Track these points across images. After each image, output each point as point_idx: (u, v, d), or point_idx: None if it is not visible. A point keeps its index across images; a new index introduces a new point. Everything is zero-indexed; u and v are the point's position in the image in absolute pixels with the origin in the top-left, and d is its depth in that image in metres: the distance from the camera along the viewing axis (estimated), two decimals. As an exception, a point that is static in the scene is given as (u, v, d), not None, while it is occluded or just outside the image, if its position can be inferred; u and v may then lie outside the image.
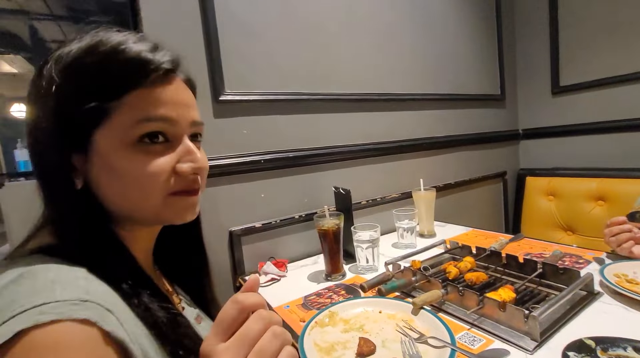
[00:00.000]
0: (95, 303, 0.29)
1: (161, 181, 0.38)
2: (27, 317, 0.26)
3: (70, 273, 0.31)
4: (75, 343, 0.26)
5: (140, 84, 0.37)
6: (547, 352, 0.54)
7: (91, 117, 0.36)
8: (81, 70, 0.36)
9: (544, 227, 1.63)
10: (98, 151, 0.37)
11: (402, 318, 0.66)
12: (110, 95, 0.36)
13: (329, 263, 0.93)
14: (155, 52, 0.39)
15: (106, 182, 0.38)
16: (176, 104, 0.40)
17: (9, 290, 0.28)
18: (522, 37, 1.81)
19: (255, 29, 1.03)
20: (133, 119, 0.37)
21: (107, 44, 0.37)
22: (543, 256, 0.90)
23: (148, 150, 0.38)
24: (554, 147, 1.74)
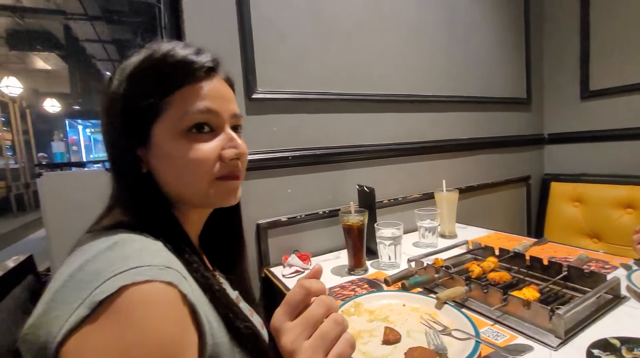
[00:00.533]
0: (175, 271, 0.35)
1: (208, 165, 0.44)
2: (126, 276, 0.31)
3: (152, 245, 0.37)
4: (163, 299, 0.32)
5: (187, 81, 0.43)
6: (572, 349, 0.55)
7: (149, 113, 0.43)
8: (140, 75, 0.43)
9: (568, 233, 1.60)
10: (156, 142, 0.43)
11: (425, 311, 0.68)
12: (163, 93, 0.42)
13: (352, 258, 0.96)
14: (198, 54, 0.45)
15: (163, 168, 0.44)
16: (218, 97, 0.45)
17: (105, 255, 0.34)
18: (551, 39, 1.78)
19: (287, 32, 1.07)
20: (182, 111, 0.43)
21: (160, 52, 0.44)
22: (568, 260, 0.90)
23: (196, 139, 0.43)
24: (581, 152, 1.71)
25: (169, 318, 0.32)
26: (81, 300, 0.30)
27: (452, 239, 1.20)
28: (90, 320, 0.29)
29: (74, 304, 0.30)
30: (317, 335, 0.33)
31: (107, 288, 0.30)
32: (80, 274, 0.32)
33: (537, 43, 1.78)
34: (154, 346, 0.30)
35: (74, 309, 0.30)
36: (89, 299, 0.30)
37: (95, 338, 0.29)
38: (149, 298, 0.31)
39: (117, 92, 0.43)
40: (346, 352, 0.34)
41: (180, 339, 0.33)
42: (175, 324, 0.32)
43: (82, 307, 0.30)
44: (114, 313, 0.30)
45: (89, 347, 0.29)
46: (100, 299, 0.30)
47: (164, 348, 0.31)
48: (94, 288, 0.30)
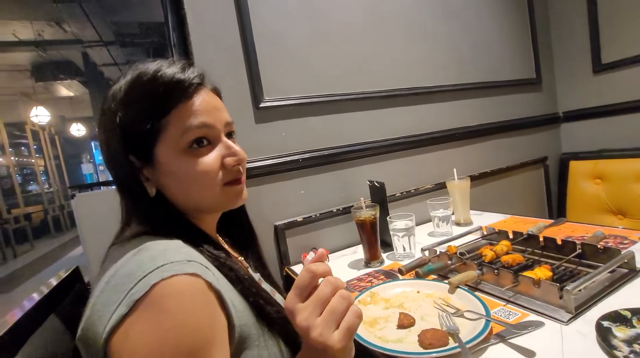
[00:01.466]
0: (196, 263, 0.39)
1: (214, 175, 0.48)
2: (155, 274, 0.36)
3: (173, 244, 0.42)
4: (190, 289, 0.37)
5: (179, 100, 0.46)
6: (582, 323, 0.56)
7: (149, 136, 0.45)
8: (133, 100, 0.46)
9: (591, 211, 1.56)
10: (160, 162, 0.46)
11: (439, 296, 0.71)
12: (158, 116, 0.45)
13: (367, 251, 0.99)
14: (184, 71, 0.47)
15: (173, 184, 0.48)
16: (210, 110, 0.48)
17: (134, 260, 0.39)
18: (557, 14, 1.73)
19: (287, 40, 1.12)
20: (180, 130, 0.45)
21: (147, 73, 0.46)
22: (584, 238, 0.89)
23: (197, 153, 0.47)
24: (599, 128, 1.66)
25: (197, 304, 0.37)
26: (120, 300, 0.35)
27: (468, 226, 1.21)
28: (129, 316, 0.34)
29: (114, 305, 0.35)
30: (327, 311, 0.37)
31: (141, 287, 0.35)
32: (115, 279, 0.37)
33: (543, 19, 1.74)
34: (187, 329, 0.35)
35: (115, 309, 0.35)
36: (127, 298, 0.35)
37: (135, 329, 0.34)
38: (177, 289, 0.36)
39: (114, 120, 0.45)
40: (354, 322, 0.37)
41: (209, 322, 0.37)
42: (203, 309, 0.37)
43: (122, 306, 0.35)
44: (149, 306, 0.34)
45: (131, 338, 0.34)
46: (136, 298, 0.34)
47: (196, 330, 0.35)
48: (129, 288, 0.35)
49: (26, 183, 9.47)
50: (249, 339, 0.43)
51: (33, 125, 8.23)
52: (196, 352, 0.35)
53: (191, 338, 0.35)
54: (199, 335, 0.36)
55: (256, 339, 0.44)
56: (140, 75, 0.46)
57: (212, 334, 0.37)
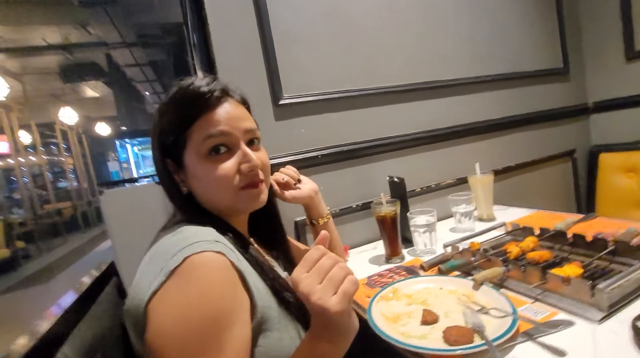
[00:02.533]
0: (222, 244, 0.45)
1: (230, 179, 0.52)
2: (188, 249, 0.42)
3: (204, 229, 0.48)
4: (216, 264, 0.42)
5: (202, 112, 0.51)
6: (616, 322, 0.54)
7: (178, 144, 0.52)
8: (166, 112, 0.53)
9: (623, 206, 1.49)
10: (187, 167, 0.53)
11: (463, 293, 0.70)
12: (185, 125, 0.52)
13: (388, 247, 0.99)
14: (209, 85, 0.53)
15: (197, 187, 0.54)
16: (229, 119, 0.53)
17: (171, 239, 0.45)
18: (586, 0, 1.64)
19: (305, 37, 1.12)
20: (200, 139, 0.51)
21: (181, 88, 0.53)
22: (615, 236, 0.85)
23: (216, 159, 0.52)
24: (632, 118, 1.57)
25: (222, 276, 0.42)
26: (158, 271, 0.41)
27: (491, 222, 1.18)
28: (166, 283, 0.40)
29: (154, 274, 0.41)
30: (326, 279, 0.41)
31: (176, 259, 0.41)
32: (155, 257, 0.44)
33: (571, 5, 1.66)
34: (212, 296, 0.40)
35: (155, 277, 0.41)
36: (164, 269, 0.41)
37: (169, 294, 0.40)
38: (205, 262, 0.42)
39: (155, 129, 0.54)
40: (351, 288, 0.41)
41: (232, 294, 0.43)
42: (227, 281, 0.42)
43: (160, 275, 0.41)
44: (181, 275, 0.40)
45: (165, 300, 0.40)
46: (172, 268, 0.40)
47: (220, 298, 0.41)
48: (166, 261, 0.41)
49: (56, 181, 9.97)
50: (269, 321, 0.47)
51: (62, 125, 8.63)
52: (219, 318, 0.40)
53: (215, 305, 0.40)
54: (222, 303, 0.41)
55: (277, 322, 0.48)
56: (176, 90, 0.53)
57: (233, 306, 0.42)
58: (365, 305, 0.72)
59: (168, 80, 6.49)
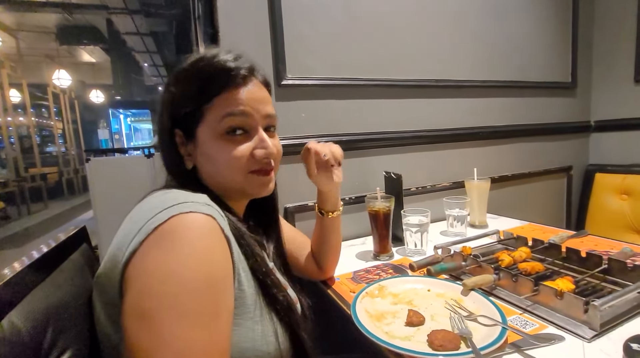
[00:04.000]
0: (213, 208, 0.42)
1: (242, 162, 0.50)
2: (175, 208, 0.38)
3: (196, 193, 0.44)
4: (205, 225, 0.39)
5: (224, 88, 0.48)
6: (607, 342, 0.52)
7: (194, 116, 0.49)
8: (186, 80, 0.49)
9: (612, 227, 1.49)
10: (199, 141, 0.50)
11: (451, 297, 0.68)
12: (204, 99, 0.48)
13: (377, 244, 0.96)
14: (236, 61, 0.50)
15: (205, 164, 0.51)
16: (252, 100, 0.50)
17: (158, 198, 0.42)
18: (604, 14, 1.62)
19: (317, 17, 1.07)
20: (219, 116, 0.48)
21: (205, 58, 0.50)
22: (609, 254, 0.84)
23: (232, 140, 0.50)
24: (633, 141, 1.57)
25: (214, 239, 0.39)
26: (138, 229, 0.37)
27: (483, 229, 1.17)
28: (147, 241, 0.36)
29: (134, 233, 0.37)
30: None
31: (160, 217, 0.37)
32: (138, 214, 0.40)
33: (587, 19, 1.63)
34: (205, 257, 0.37)
35: (133, 237, 0.37)
36: (145, 227, 0.37)
37: (153, 253, 0.36)
38: (196, 223, 0.38)
39: (169, 96, 0.50)
40: None
41: (224, 257, 0.39)
42: (219, 244, 0.39)
43: (140, 233, 0.37)
44: (167, 234, 0.36)
45: (150, 261, 0.35)
46: (154, 226, 0.36)
47: (213, 260, 0.37)
48: (148, 219, 0.37)
49: (44, 145, 9.70)
50: (242, 307, 0.43)
51: (54, 88, 8.36)
52: (213, 282, 0.36)
53: (208, 268, 0.36)
54: (215, 268, 0.37)
55: (251, 312, 0.44)
56: (198, 58, 0.50)
57: (224, 273, 0.39)
58: (349, 300, 0.69)
59: (169, 52, 6.32)
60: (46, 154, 9.39)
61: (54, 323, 0.35)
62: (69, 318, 0.38)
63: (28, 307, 0.34)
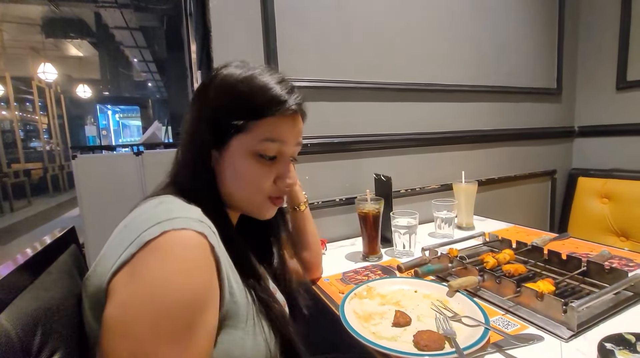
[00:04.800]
0: (206, 225, 0.42)
1: (266, 186, 0.52)
2: (168, 223, 0.38)
3: (190, 205, 0.44)
4: (195, 243, 0.39)
5: (276, 113, 0.49)
6: (583, 341, 0.55)
7: (235, 128, 0.49)
8: (237, 93, 0.50)
9: (594, 230, 1.54)
10: (231, 151, 0.50)
11: (437, 298, 0.69)
12: (253, 116, 0.49)
13: (367, 245, 0.98)
14: (290, 94, 0.51)
15: (227, 174, 0.51)
16: (293, 134, 0.53)
17: (152, 210, 0.42)
18: (588, 25, 1.68)
19: (309, 19, 1.08)
20: (260, 138, 0.50)
21: (258, 80, 0.50)
22: (589, 256, 0.88)
23: (261, 162, 0.51)
24: (614, 146, 1.62)
25: (202, 259, 0.39)
26: (131, 241, 0.38)
27: (469, 231, 1.20)
28: (137, 255, 0.37)
29: (126, 244, 0.38)
30: None
31: (152, 232, 0.37)
32: (132, 223, 0.40)
33: (572, 29, 1.69)
34: (191, 278, 0.37)
35: (126, 248, 0.37)
36: (138, 240, 0.37)
37: (142, 268, 0.36)
38: (186, 241, 0.38)
39: (218, 99, 0.50)
40: None
41: (210, 278, 0.40)
42: (206, 266, 0.40)
43: (133, 246, 0.37)
44: (157, 250, 0.37)
45: (137, 276, 0.36)
46: (147, 240, 0.37)
47: (198, 281, 0.38)
48: (142, 231, 0.38)
49: (28, 140, 9.43)
50: (235, 318, 0.44)
51: (39, 82, 8.14)
52: (194, 303, 0.37)
53: (193, 288, 0.37)
54: (200, 287, 0.38)
55: (243, 321, 0.45)
56: (252, 77, 0.50)
57: (209, 293, 0.40)
58: (338, 301, 0.70)
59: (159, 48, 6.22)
60: (30, 149, 9.14)
61: (43, 326, 0.35)
62: (59, 320, 0.38)
63: (17, 309, 0.34)
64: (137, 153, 2.46)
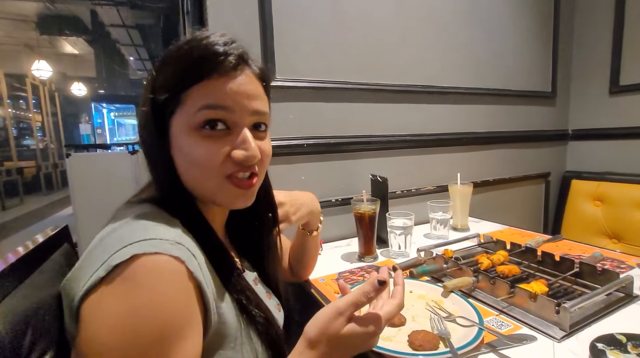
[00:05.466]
0: (185, 248, 0.37)
1: (217, 164, 0.42)
2: (140, 246, 0.34)
3: (169, 221, 0.40)
4: (171, 271, 0.35)
5: (208, 75, 0.41)
6: (576, 342, 0.55)
7: (169, 106, 0.42)
8: (168, 62, 0.43)
9: (586, 232, 1.56)
10: (173, 134, 0.43)
11: (432, 298, 0.70)
12: (183, 85, 0.41)
13: (362, 246, 0.98)
14: (226, 45, 0.42)
15: (178, 161, 0.44)
16: (238, 93, 0.42)
17: (129, 225, 0.38)
18: (582, 30, 1.70)
19: (307, 20, 1.08)
20: (197, 105, 0.41)
21: (194, 39, 0.43)
22: (581, 258, 0.88)
23: (209, 135, 0.42)
24: (606, 150, 1.64)
25: (175, 288, 0.35)
26: (102, 262, 0.34)
27: (464, 232, 1.20)
28: (106, 281, 0.33)
29: (97, 264, 0.34)
30: None
31: (122, 254, 0.34)
32: (108, 238, 0.37)
33: (567, 34, 1.71)
34: (161, 310, 0.34)
35: (96, 269, 0.34)
36: (107, 262, 0.34)
37: (109, 298, 0.33)
38: (158, 268, 0.34)
39: (150, 79, 0.44)
40: None
41: (184, 308, 0.36)
42: (180, 294, 0.35)
43: (101, 269, 0.34)
44: (126, 278, 0.33)
45: (104, 306, 0.33)
46: (115, 263, 0.33)
47: (170, 313, 0.34)
48: (113, 252, 0.34)
49: (21, 138, 9.33)
50: (225, 339, 0.41)
51: (34, 79, 8.05)
52: (167, 335, 0.34)
53: (163, 320, 0.34)
54: (172, 319, 0.34)
55: (233, 341, 0.42)
56: (187, 40, 0.43)
57: (185, 321, 0.36)
58: (333, 301, 0.70)
59: (155, 46, 6.18)
60: (23, 147, 9.03)
61: (34, 326, 0.35)
62: (50, 320, 0.37)
63: (7, 308, 0.33)
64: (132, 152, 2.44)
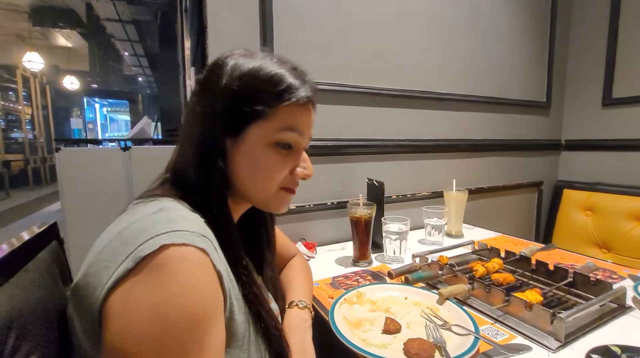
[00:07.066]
0: (209, 240, 0.39)
1: (281, 176, 0.50)
2: (168, 236, 0.35)
3: (192, 215, 0.41)
4: (197, 260, 0.36)
5: (295, 101, 0.47)
6: (570, 353, 0.55)
7: (253, 115, 0.47)
8: (253, 81, 0.47)
9: (577, 241, 1.58)
10: (246, 140, 0.47)
11: (427, 305, 0.69)
12: (270, 104, 0.47)
13: (357, 250, 0.97)
14: (305, 83, 0.49)
15: (242, 165, 0.48)
16: (309, 123, 0.52)
17: (150, 218, 0.38)
18: (577, 42, 1.73)
19: (307, 22, 1.07)
20: (281, 125, 0.47)
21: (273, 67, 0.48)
22: (574, 267, 0.89)
23: (279, 152, 0.49)
24: (598, 161, 1.67)
25: (205, 276, 0.37)
26: (127, 254, 0.34)
27: (459, 239, 1.20)
28: (134, 272, 0.34)
29: (122, 257, 0.34)
30: None
31: (150, 245, 0.34)
32: (127, 232, 0.36)
33: (562, 46, 1.74)
34: (192, 296, 0.34)
35: (121, 261, 0.34)
36: (134, 253, 0.34)
37: (140, 289, 0.33)
38: (187, 257, 0.35)
39: (225, 88, 0.46)
40: None
41: (213, 296, 0.38)
42: (209, 282, 0.37)
43: (128, 260, 0.34)
44: (156, 268, 0.34)
45: (134, 296, 0.33)
46: (144, 254, 0.34)
47: (201, 300, 0.35)
48: (139, 243, 0.34)
49: (9, 130, 9.11)
50: (233, 336, 0.42)
51: (24, 71, 7.88)
52: (201, 321, 0.35)
53: (195, 307, 0.35)
54: (204, 305, 0.36)
55: (240, 339, 0.43)
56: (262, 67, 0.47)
57: (214, 308, 0.37)
58: (328, 306, 0.69)
59: (152, 43, 6.12)
60: (11, 140, 8.83)
61: (17, 328, 0.33)
62: (35, 322, 0.36)
63: (-10, 309, 0.31)
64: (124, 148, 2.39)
